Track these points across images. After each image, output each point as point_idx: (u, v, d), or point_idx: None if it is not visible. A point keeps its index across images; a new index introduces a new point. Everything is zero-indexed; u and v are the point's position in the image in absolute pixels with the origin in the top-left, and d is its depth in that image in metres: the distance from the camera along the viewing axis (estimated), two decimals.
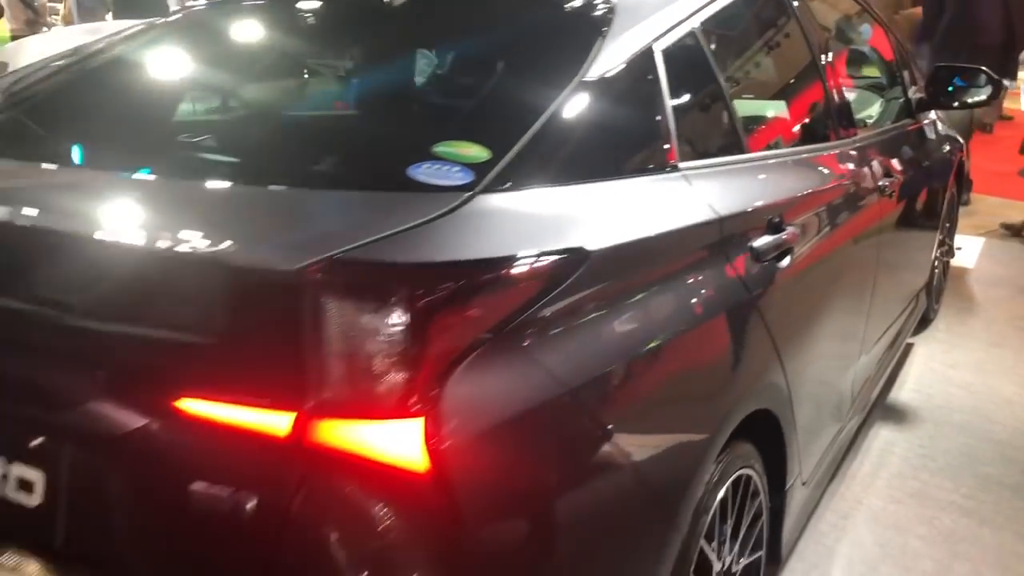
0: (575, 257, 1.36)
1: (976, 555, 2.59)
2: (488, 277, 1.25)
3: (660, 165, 1.71)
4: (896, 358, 3.55)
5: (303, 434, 1.18)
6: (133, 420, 1.30)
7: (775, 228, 1.95)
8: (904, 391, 3.64)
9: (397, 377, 1.16)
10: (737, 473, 1.84)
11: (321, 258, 1.15)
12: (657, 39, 1.81)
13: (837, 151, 2.52)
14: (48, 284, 1.41)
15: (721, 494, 1.76)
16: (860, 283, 2.65)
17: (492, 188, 1.37)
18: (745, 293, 1.79)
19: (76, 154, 1.72)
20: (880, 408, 3.44)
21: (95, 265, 1.35)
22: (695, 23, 1.96)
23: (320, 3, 2.14)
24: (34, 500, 1.42)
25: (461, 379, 1.20)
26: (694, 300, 1.65)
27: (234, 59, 2.16)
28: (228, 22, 2.31)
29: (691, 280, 1.65)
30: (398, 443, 1.17)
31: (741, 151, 2.04)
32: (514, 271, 1.28)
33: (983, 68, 3.35)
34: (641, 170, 1.67)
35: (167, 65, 2.16)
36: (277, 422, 1.19)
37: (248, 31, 2.25)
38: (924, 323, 4.21)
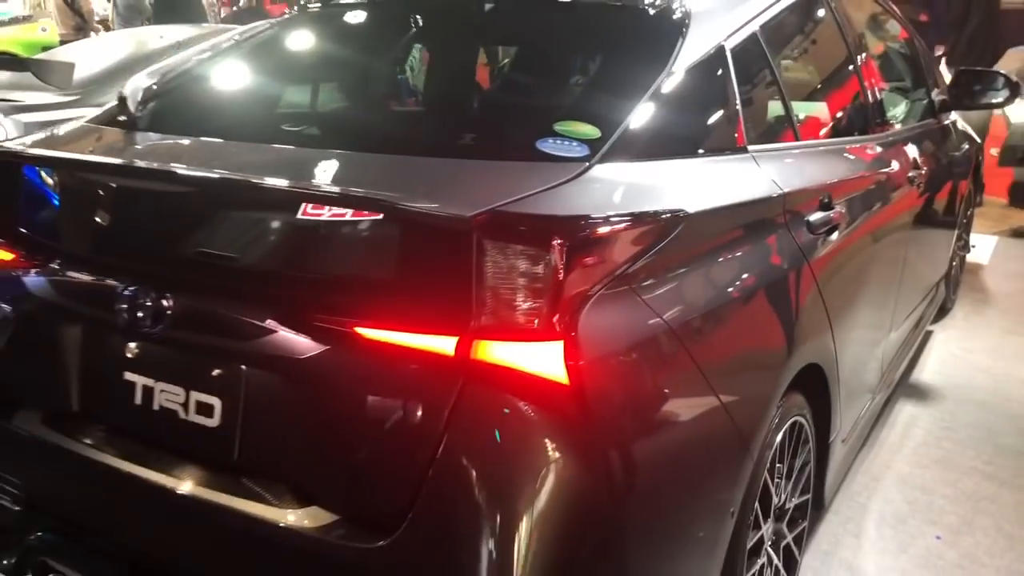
0: (677, 217, 1.63)
1: (996, 511, 2.85)
2: (612, 229, 1.52)
3: (732, 147, 1.98)
4: (918, 341, 3.81)
5: (465, 353, 1.45)
6: (315, 347, 1.56)
7: (826, 206, 2.22)
8: (926, 372, 3.90)
9: (542, 307, 1.43)
10: (792, 419, 2.11)
11: (486, 209, 1.42)
12: (726, 39, 2.08)
13: (874, 144, 2.79)
14: (241, 232, 1.68)
15: (780, 436, 2.03)
16: (892, 264, 2.91)
17: (603, 160, 1.65)
18: (803, 259, 2.07)
19: (262, 129, 2.02)
20: (904, 387, 3.71)
21: (290, 216, 1.62)
22: (756, 26, 2.23)
23: (460, 13, 2.41)
24: (213, 422, 1.69)
25: (592, 311, 1.46)
26: (765, 260, 1.92)
27: (381, 52, 2.46)
28: (373, 18, 2.58)
29: (762, 243, 1.93)
30: (542, 360, 1.43)
31: (796, 138, 2.31)
32: (632, 226, 1.55)
33: (1002, 72, 3.61)
34: (718, 150, 1.94)
35: (321, 54, 2.46)
36: (443, 344, 1.46)
37: (388, 27, 2.53)
38: (943, 312, 4.47)
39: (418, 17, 2.46)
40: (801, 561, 2.40)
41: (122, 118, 2.13)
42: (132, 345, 1.77)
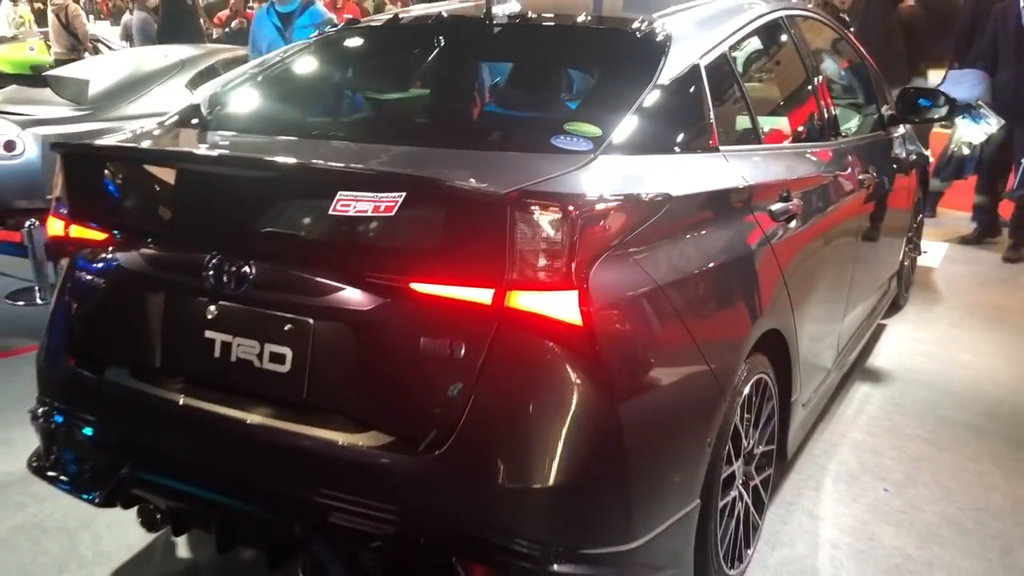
0: (665, 197, 2.04)
1: (935, 469, 3.28)
2: (614, 205, 1.93)
3: (707, 146, 2.40)
4: (872, 329, 4.24)
5: (499, 302, 1.83)
6: (375, 301, 1.94)
7: (785, 199, 2.64)
8: (879, 358, 4.33)
9: (561, 265, 1.82)
10: (757, 375, 2.51)
11: (516, 188, 1.82)
12: (701, 58, 2.50)
13: (827, 150, 3.23)
14: (313, 209, 2.05)
15: (747, 389, 2.43)
16: (845, 255, 3.34)
17: (605, 153, 2.06)
18: (766, 240, 2.48)
19: (323, 127, 2.42)
20: (860, 370, 4.14)
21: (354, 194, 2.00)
22: (726, 47, 2.65)
23: (491, 35, 2.82)
24: (284, 368, 2.06)
25: (599, 269, 1.86)
26: (734, 238, 2.34)
27: (421, 65, 2.88)
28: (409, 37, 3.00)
29: (732, 224, 2.35)
30: (560, 307, 1.83)
31: (759, 142, 2.73)
32: (629, 203, 1.96)
33: (942, 90, 4.07)
34: (696, 148, 2.36)
35: (366, 65, 2.88)
36: (482, 295, 1.85)
37: (424, 45, 2.95)
38: (896, 308, 4.92)
39: (452, 38, 2.88)
40: (768, 505, 2.81)
41: (194, 120, 2.51)
42: (212, 308, 2.13)
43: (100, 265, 2.35)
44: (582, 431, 1.86)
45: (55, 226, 2.47)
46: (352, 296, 1.97)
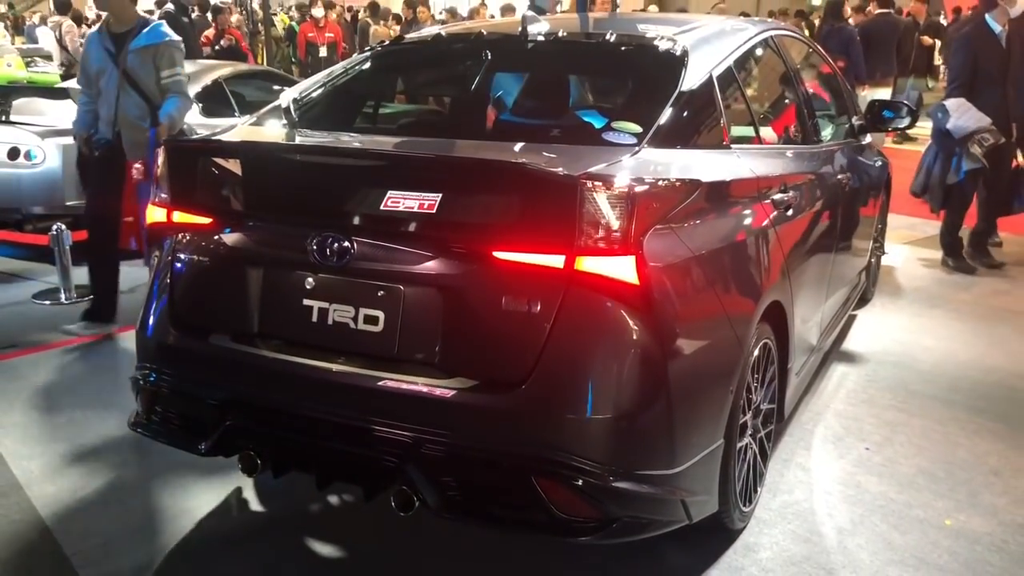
0: (696, 183, 2.47)
1: (908, 431, 3.74)
2: (662, 187, 2.35)
3: (721, 143, 2.84)
4: (845, 318, 4.71)
5: (570, 266, 2.24)
6: (461, 268, 2.32)
7: (783, 190, 3.09)
8: (852, 343, 4.81)
9: (620, 235, 2.23)
10: (763, 341, 2.94)
11: (585, 171, 2.23)
12: (712, 68, 2.94)
13: (813, 151, 3.69)
14: (409, 189, 2.42)
15: (756, 351, 2.86)
16: (827, 246, 3.80)
17: (646, 146, 2.48)
18: (772, 224, 2.92)
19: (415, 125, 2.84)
20: (836, 354, 4.60)
21: (447, 176, 2.40)
22: (731, 61, 3.10)
23: (541, 49, 3.26)
24: (378, 328, 2.44)
25: (650, 239, 2.27)
26: (749, 219, 2.78)
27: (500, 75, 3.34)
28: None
29: (746, 209, 2.79)
30: (620, 269, 2.23)
31: (760, 141, 3.18)
32: (671, 187, 2.38)
33: (905, 102, 4.58)
34: (713, 145, 2.79)
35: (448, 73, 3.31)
36: (556, 260, 2.24)
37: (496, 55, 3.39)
38: (864, 301, 5.40)
39: (508, 50, 3.32)
40: (771, 456, 3.23)
41: (283, 120, 2.89)
42: (310, 280, 2.50)
43: (203, 246, 2.71)
44: (636, 372, 2.27)
45: (156, 213, 2.82)
46: (441, 265, 2.35)
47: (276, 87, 8.02)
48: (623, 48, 3.07)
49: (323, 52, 11.42)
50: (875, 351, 4.69)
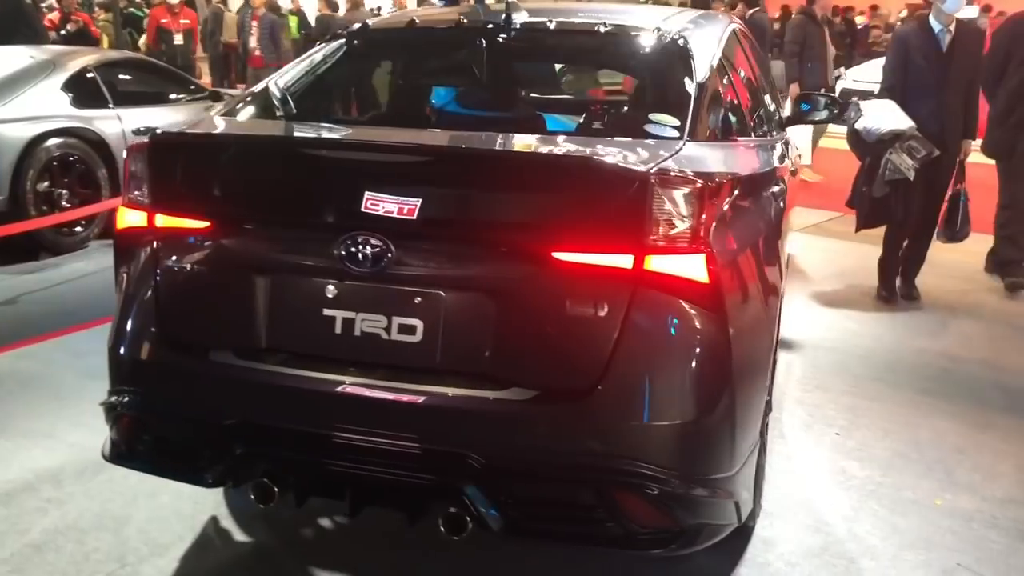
0: (739, 176, 2.42)
1: (872, 415, 3.87)
2: (722, 180, 2.28)
3: (743, 134, 2.80)
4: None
5: (639, 265, 2.12)
6: (516, 271, 2.16)
7: (782, 181, 3.10)
8: (786, 332, 4.92)
9: (690, 232, 2.14)
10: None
11: (656, 166, 2.12)
12: (712, 60, 2.89)
13: (782, 142, 3.74)
14: (460, 186, 2.24)
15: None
16: (783, 233, 3.85)
17: (689, 139, 2.41)
18: (780, 212, 2.93)
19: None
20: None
21: (501, 173, 2.24)
22: (721, 53, 3.07)
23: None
24: (415, 338, 2.24)
25: (714, 234, 2.19)
26: (772, 212, 2.77)
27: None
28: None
29: (771, 201, 2.78)
30: (691, 267, 2.14)
31: (750, 135, 3.17)
32: (726, 179, 2.32)
33: (831, 96, 4.71)
34: (737, 138, 2.75)
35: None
36: (623, 260, 2.13)
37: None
38: None
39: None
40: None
41: (278, 112, 2.64)
42: (331, 287, 2.27)
43: (196, 253, 2.42)
44: (708, 373, 2.19)
45: (131, 217, 2.50)
46: (492, 268, 2.19)
47: (153, 76, 7.48)
48: (623, 38, 2.98)
49: (178, 40, 10.74)
50: (810, 338, 4.83)
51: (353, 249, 2.22)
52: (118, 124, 6.53)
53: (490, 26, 2.89)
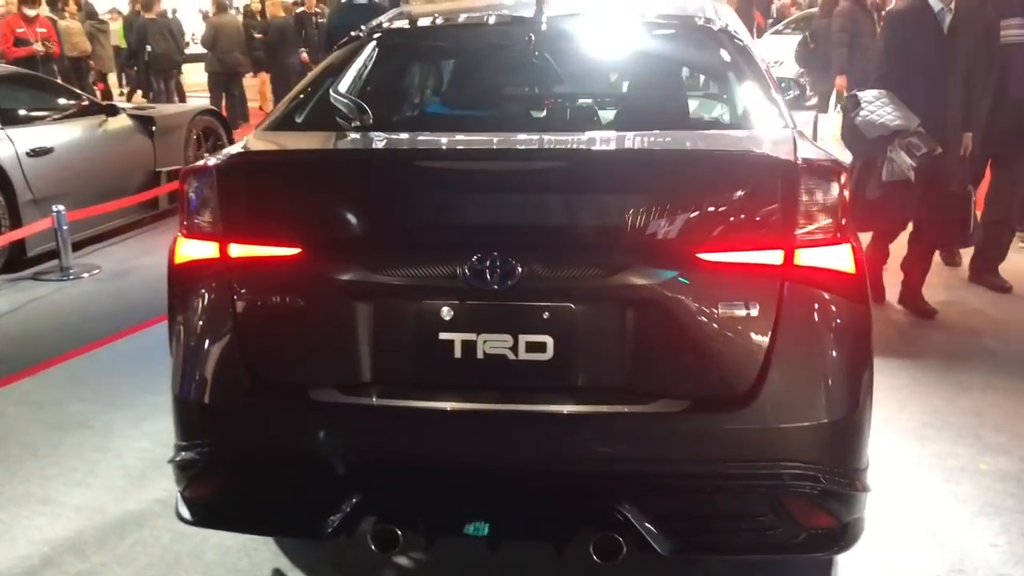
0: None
1: (878, 389, 3.93)
2: (847, 167, 2.22)
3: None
4: None
5: (789, 260, 2.05)
6: (658, 277, 2.04)
7: None
8: None
9: (838, 221, 2.07)
10: None
11: (803, 157, 2.05)
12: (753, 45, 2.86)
13: None
14: (588, 196, 2.10)
15: None
16: None
17: (794, 128, 2.36)
18: None
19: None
20: None
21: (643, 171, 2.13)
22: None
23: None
24: (546, 355, 2.09)
25: (847, 223, 2.14)
26: None
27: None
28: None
29: None
30: (840, 259, 2.09)
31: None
32: (847, 166, 2.27)
33: (797, 80, 4.79)
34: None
35: None
36: (772, 256, 2.05)
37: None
38: None
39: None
40: None
41: (354, 122, 2.40)
42: (446, 310, 2.09)
43: (285, 283, 2.18)
44: (860, 368, 2.15)
45: (195, 249, 2.23)
46: (628, 275, 2.06)
47: (40, 92, 6.85)
48: (672, 29, 2.90)
49: (38, 48, 9.88)
50: None
51: (478, 266, 2.06)
52: (10, 146, 5.92)
53: (541, 22, 2.74)
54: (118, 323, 4.92)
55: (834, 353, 2.11)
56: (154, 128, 7.17)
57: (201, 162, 2.27)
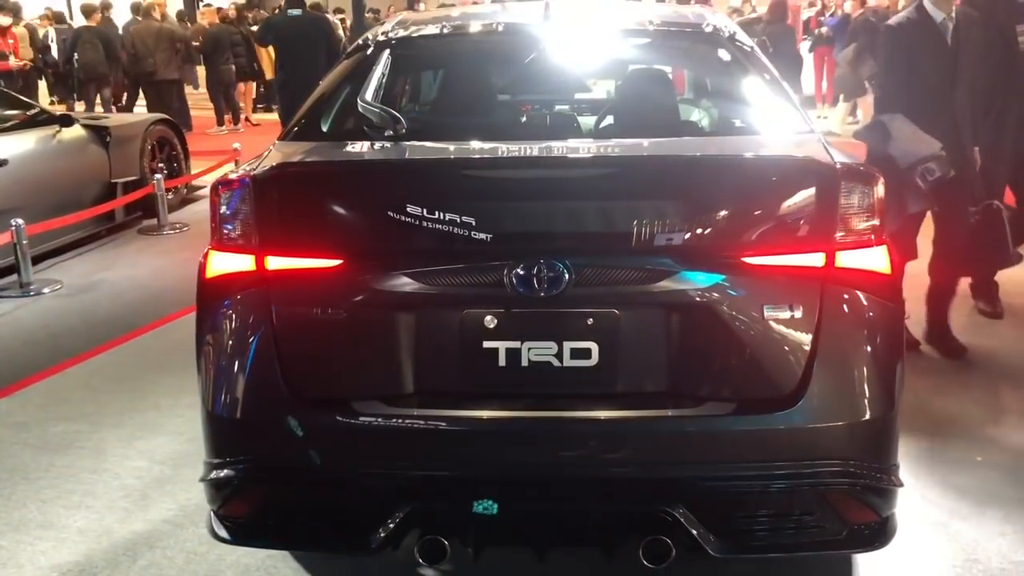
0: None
1: None
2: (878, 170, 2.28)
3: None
4: None
5: (829, 261, 2.10)
6: (698, 280, 2.07)
7: None
8: None
9: (874, 223, 2.13)
10: None
11: (842, 162, 2.09)
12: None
13: None
14: (630, 202, 2.11)
15: None
16: None
17: (812, 132, 2.42)
18: None
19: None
20: None
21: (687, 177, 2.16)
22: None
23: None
24: (591, 362, 2.10)
25: (881, 225, 2.20)
26: None
27: None
28: None
29: None
30: (876, 260, 2.14)
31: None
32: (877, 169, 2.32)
33: None
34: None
35: None
36: (813, 259, 2.09)
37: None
38: None
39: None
40: None
41: (388, 131, 2.39)
42: (491, 317, 2.10)
43: (325, 295, 2.15)
44: (896, 363, 2.20)
45: (228, 262, 2.19)
46: (671, 280, 2.08)
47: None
48: (687, 39, 2.94)
49: (12, 61, 9.57)
50: None
51: (526, 274, 2.06)
52: None
53: (559, 28, 2.75)
54: (89, 340, 4.78)
55: (873, 351, 2.16)
56: (109, 139, 6.98)
57: (234, 174, 2.23)
